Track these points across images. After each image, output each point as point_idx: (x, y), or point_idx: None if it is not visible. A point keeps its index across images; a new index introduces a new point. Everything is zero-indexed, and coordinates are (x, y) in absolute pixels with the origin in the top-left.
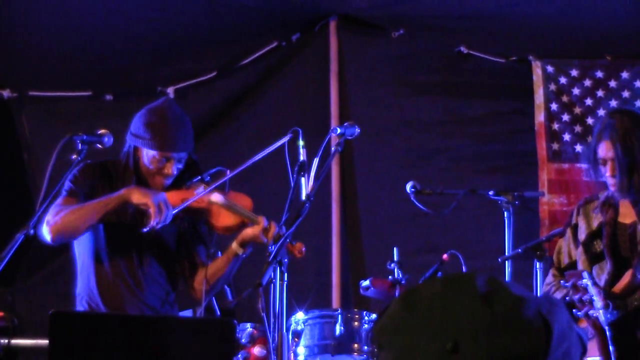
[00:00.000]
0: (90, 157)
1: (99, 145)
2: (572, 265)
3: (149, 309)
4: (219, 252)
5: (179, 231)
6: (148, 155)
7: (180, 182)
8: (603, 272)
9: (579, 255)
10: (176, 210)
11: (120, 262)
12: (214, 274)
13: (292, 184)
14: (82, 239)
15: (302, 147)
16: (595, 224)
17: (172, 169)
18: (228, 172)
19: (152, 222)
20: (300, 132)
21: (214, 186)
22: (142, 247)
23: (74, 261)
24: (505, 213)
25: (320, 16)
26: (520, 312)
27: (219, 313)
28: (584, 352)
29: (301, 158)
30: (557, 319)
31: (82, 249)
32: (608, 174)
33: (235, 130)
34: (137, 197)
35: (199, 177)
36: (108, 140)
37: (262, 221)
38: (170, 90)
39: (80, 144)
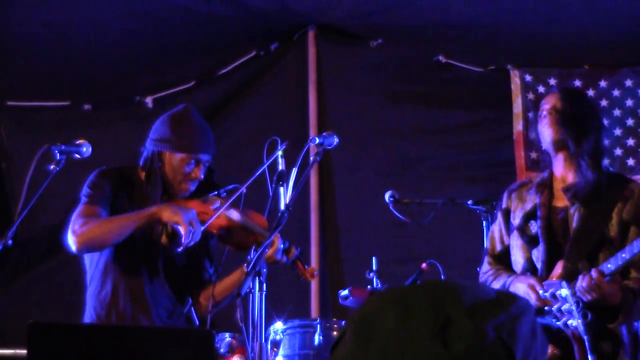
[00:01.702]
0: (69, 167)
1: (77, 155)
2: (505, 251)
3: (159, 320)
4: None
5: (190, 248)
6: (175, 159)
7: (197, 195)
8: (539, 258)
9: (514, 240)
10: (205, 226)
11: (130, 275)
12: (221, 292)
13: (270, 194)
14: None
15: (281, 157)
16: (529, 206)
17: (200, 172)
18: (244, 190)
19: (184, 241)
20: (279, 141)
21: (231, 199)
22: (152, 261)
23: (84, 272)
24: (484, 222)
25: (299, 26)
26: (478, 345)
27: (197, 323)
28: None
29: (280, 168)
30: (519, 337)
31: (92, 261)
32: (546, 123)
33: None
34: (168, 215)
35: (216, 192)
36: (86, 150)
37: (277, 241)
38: (149, 100)
39: (58, 154)
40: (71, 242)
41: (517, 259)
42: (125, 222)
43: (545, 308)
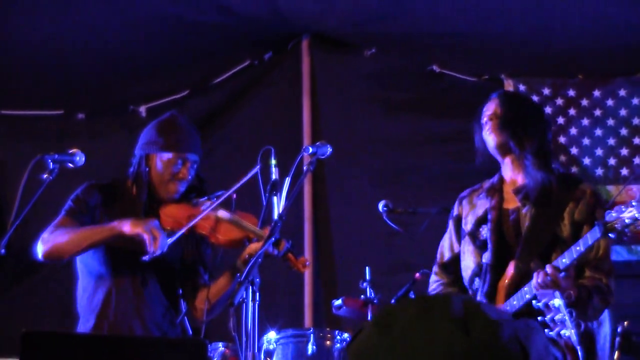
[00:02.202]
0: (62, 176)
1: (71, 165)
2: (455, 259)
3: (155, 327)
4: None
5: (183, 251)
6: (163, 159)
7: (187, 200)
8: (487, 261)
9: (465, 246)
10: (182, 230)
11: (124, 283)
12: (215, 293)
13: (264, 203)
14: (85, 260)
15: (275, 166)
16: (480, 211)
17: (187, 172)
18: (234, 196)
19: (150, 250)
20: (273, 151)
21: (219, 201)
22: (145, 268)
23: (76, 280)
24: None
25: (293, 35)
26: (497, 338)
27: (191, 332)
28: None
29: (273, 177)
30: (534, 344)
31: (85, 269)
32: (488, 129)
33: (207, 149)
34: (128, 228)
35: (206, 197)
36: (80, 159)
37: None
38: (143, 109)
39: (51, 163)
40: (37, 249)
41: (468, 264)
42: (87, 235)
43: (539, 318)
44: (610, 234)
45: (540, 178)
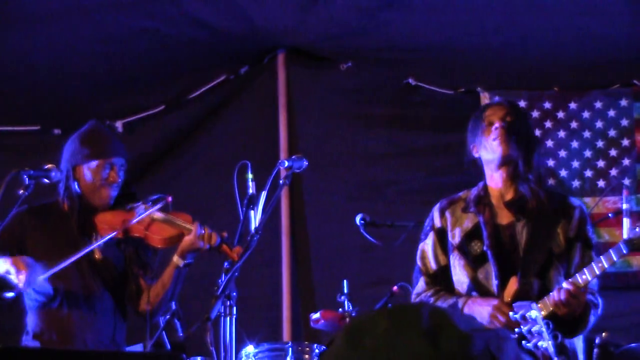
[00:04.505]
0: (38, 192)
1: (46, 180)
2: (442, 270)
3: (108, 340)
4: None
5: (125, 256)
6: (91, 168)
7: (121, 206)
8: (489, 277)
9: (455, 259)
10: (129, 223)
11: (70, 294)
12: (157, 293)
13: (241, 217)
14: None
15: (251, 180)
16: (468, 224)
17: (117, 175)
18: (170, 198)
19: (19, 284)
20: (249, 165)
21: (157, 206)
22: (90, 276)
23: (22, 297)
24: None
25: (269, 49)
26: (467, 350)
27: (169, 347)
28: None
29: (250, 191)
30: (506, 355)
31: (26, 294)
32: (494, 137)
33: (184, 163)
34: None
35: (140, 202)
36: (55, 175)
37: (195, 228)
38: (119, 124)
39: (27, 179)
40: None
41: (461, 278)
42: None
43: (516, 330)
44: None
45: (537, 195)
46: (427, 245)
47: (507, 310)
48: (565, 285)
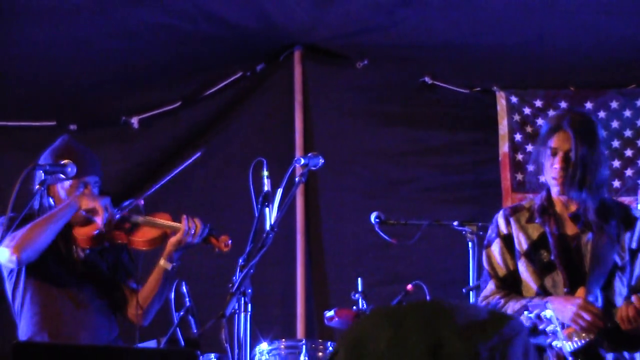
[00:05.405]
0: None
1: (62, 176)
2: (512, 275)
3: (98, 339)
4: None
5: (108, 265)
6: (64, 187)
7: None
8: (558, 285)
9: (522, 266)
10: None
11: (62, 298)
12: (146, 296)
13: (256, 215)
14: (16, 282)
15: (267, 178)
16: (534, 234)
17: (91, 193)
18: (142, 202)
19: (99, 222)
20: (265, 162)
21: (132, 205)
22: (80, 281)
23: (11, 306)
24: (470, 243)
25: (285, 46)
26: None
27: (183, 343)
28: None
29: (265, 188)
30: (511, 358)
31: (19, 292)
32: (557, 165)
33: (199, 160)
34: (86, 202)
35: (116, 209)
36: (71, 170)
37: (183, 225)
38: (135, 120)
39: (43, 174)
40: (7, 256)
41: (529, 284)
42: (50, 219)
43: (540, 327)
44: None
45: (598, 207)
46: (494, 251)
47: (594, 310)
48: (636, 301)
